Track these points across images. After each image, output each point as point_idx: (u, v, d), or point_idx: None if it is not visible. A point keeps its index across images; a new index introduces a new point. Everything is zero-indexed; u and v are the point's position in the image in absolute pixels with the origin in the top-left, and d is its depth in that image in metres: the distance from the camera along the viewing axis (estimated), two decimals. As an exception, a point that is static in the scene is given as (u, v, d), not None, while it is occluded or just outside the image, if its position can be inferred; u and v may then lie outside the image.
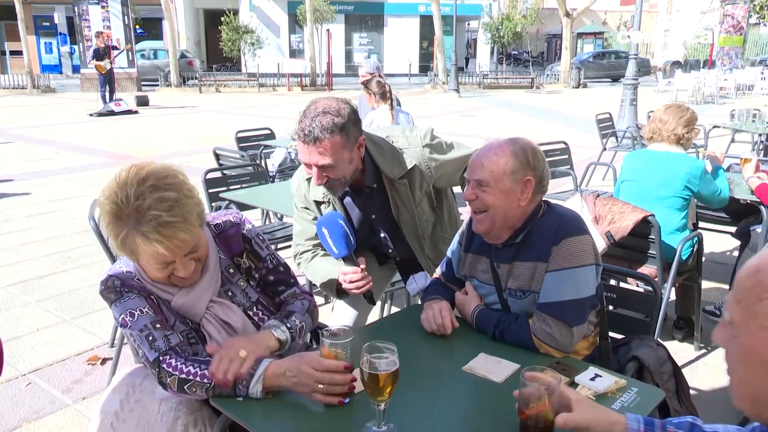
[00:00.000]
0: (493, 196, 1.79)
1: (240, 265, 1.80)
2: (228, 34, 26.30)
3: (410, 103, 18.36)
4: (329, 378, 1.42)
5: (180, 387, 1.53)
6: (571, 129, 12.52)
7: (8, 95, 20.61)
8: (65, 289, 4.28)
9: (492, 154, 1.81)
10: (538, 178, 1.81)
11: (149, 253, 1.48)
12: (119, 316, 1.61)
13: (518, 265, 1.84)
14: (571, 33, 26.39)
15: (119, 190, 1.49)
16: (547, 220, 1.84)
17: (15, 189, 7.34)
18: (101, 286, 1.65)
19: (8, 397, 2.97)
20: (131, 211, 1.45)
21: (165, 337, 1.58)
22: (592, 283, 1.79)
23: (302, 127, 1.95)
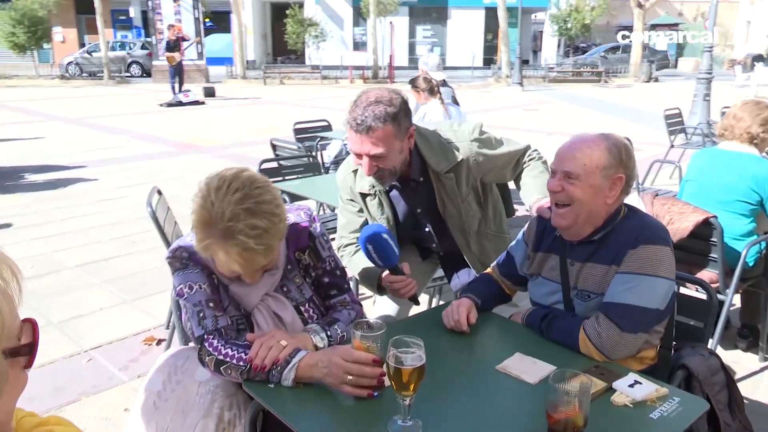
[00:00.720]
0: (581, 190, 1.73)
1: (300, 261, 1.83)
2: (292, 27, 26.71)
3: (472, 96, 18.16)
4: (358, 369, 1.43)
5: (216, 367, 1.58)
6: (639, 125, 12.07)
7: (86, 86, 21.67)
8: (128, 272, 4.47)
9: (586, 147, 1.74)
10: (628, 177, 1.75)
11: (227, 266, 1.56)
12: (178, 286, 1.67)
13: (591, 266, 1.78)
14: (643, 25, 25.37)
15: (216, 202, 1.50)
16: (629, 223, 1.77)
17: (87, 175, 7.72)
18: (169, 254, 1.72)
19: (70, 371, 3.13)
20: (222, 228, 1.49)
21: (214, 317, 1.64)
22: (662, 298, 1.69)
23: (354, 116, 1.95)
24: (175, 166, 8.31)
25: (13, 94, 18.17)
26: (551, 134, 10.64)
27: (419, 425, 1.34)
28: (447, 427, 1.37)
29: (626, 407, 1.43)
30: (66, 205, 6.32)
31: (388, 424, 1.35)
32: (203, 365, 1.61)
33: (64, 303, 3.94)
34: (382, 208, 2.28)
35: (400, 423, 1.34)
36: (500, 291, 2.05)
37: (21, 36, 22.39)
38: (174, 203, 5.93)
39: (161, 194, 3.33)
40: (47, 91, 19.33)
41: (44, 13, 23.74)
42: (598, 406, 1.43)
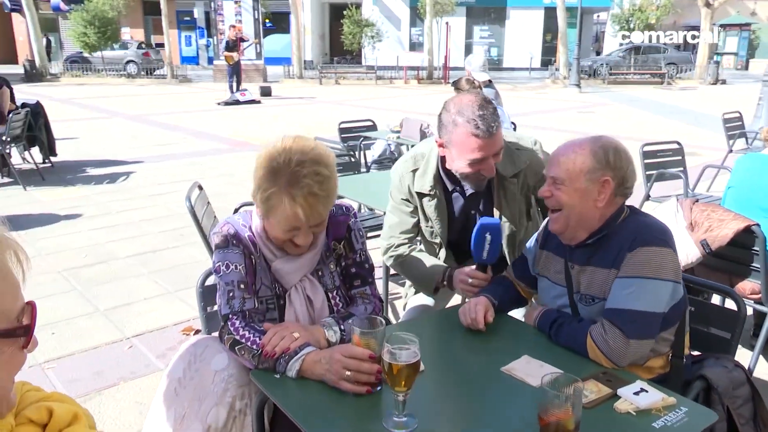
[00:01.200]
0: (567, 195, 1.73)
1: (335, 250, 1.90)
2: (349, 28, 26.96)
3: (527, 98, 17.89)
4: (356, 365, 1.45)
5: (232, 347, 1.66)
6: (698, 128, 11.63)
7: (151, 84, 22.52)
8: (174, 263, 4.64)
9: (570, 152, 1.75)
10: (619, 180, 1.72)
11: (287, 214, 1.62)
12: (216, 262, 1.75)
13: (592, 270, 1.76)
14: (711, 24, 24.37)
15: (283, 152, 1.65)
16: (628, 226, 1.74)
17: (143, 170, 8.04)
18: (216, 228, 1.81)
19: (112, 356, 3.29)
20: (288, 173, 1.61)
21: (243, 298, 1.71)
22: (665, 300, 1.66)
23: (480, 123, 2.00)
24: (226, 162, 8.55)
25: (82, 92, 19.07)
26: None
27: (414, 421, 1.35)
28: (442, 423, 1.38)
29: (629, 415, 1.40)
30: (121, 198, 6.61)
31: (384, 418, 1.37)
32: (221, 341, 1.70)
33: (112, 291, 4.13)
34: (440, 209, 2.30)
35: (395, 418, 1.36)
36: (517, 294, 2.04)
37: (92, 36, 23.47)
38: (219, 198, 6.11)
39: (201, 189, 3.44)
40: (113, 89, 20.19)
41: (114, 14, 24.82)
42: (600, 412, 1.41)
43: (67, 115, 13.12)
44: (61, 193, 6.76)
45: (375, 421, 1.38)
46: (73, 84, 22.04)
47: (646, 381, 1.55)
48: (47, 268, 4.51)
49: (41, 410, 0.92)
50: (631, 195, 1.79)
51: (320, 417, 1.43)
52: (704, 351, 1.97)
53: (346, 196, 3.97)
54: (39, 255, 4.78)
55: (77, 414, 0.95)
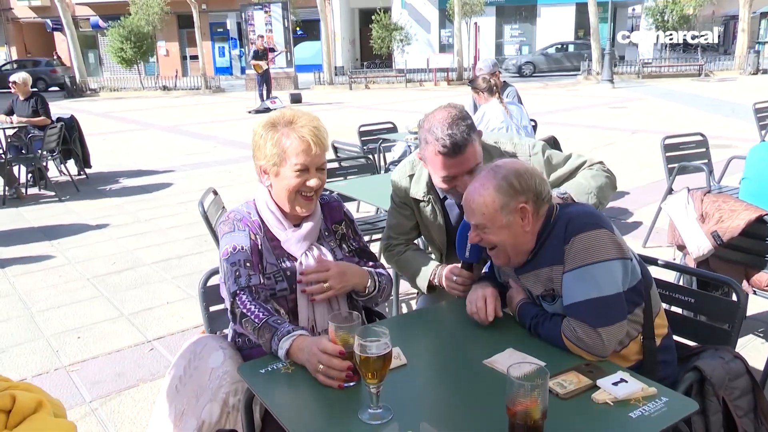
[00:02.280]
0: (495, 235, 1.74)
1: (336, 231, 2.05)
2: (378, 32, 27.07)
3: (557, 95, 17.66)
4: (326, 360, 1.48)
5: (240, 320, 1.75)
6: (736, 120, 11.29)
7: (186, 95, 23.04)
8: (196, 269, 4.75)
9: (477, 196, 1.74)
10: (533, 199, 1.71)
11: (298, 148, 1.81)
12: (224, 247, 1.86)
13: (536, 273, 1.78)
14: (749, 13, 23.62)
15: (276, 114, 1.91)
16: (558, 222, 1.74)
17: (173, 179, 8.26)
18: (222, 218, 1.96)
19: (133, 359, 3.39)
20: (286, 121, 1.86)
21: (248, 275, 1.81)
22: (617, 280, 1.64)
23: (445, 141, 1.97)
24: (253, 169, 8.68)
25: (119, 105, 19.65)
26: (635, 132, 10.19)
27: (389, 412, 1.37)
28: (419, 415, 1.40)
29: (607, 405, 1.39)
30: (151, 206, 6.80)
31: (359, 411, 1.39)
32: (231, 317, 1.79)
33: (137, 296, 4.26)
34: (435, 215, 2.32)
35: (369, 410, 1.38)
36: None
37: (128, 51, 24.15)
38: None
39: (216, 194, 3.53)
40: (149, 102, 20.74)
41: (150, 29, 25.49)
42: (577, 402, 1.41)
43: (104, 128, 13.54)
44: (94, 204, 6.99)
45: (352, 414, 1.41)
46: (111, 98, 22.72)
47: (626, 370, 1.53)
48: (77, 276, 4.68)
49: (4, 398, 0.97)
50: (550, 199, 1.77)
51: (299, 410, 1.47)
52: (703, 342, 1.94)
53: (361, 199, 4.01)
54: (69, 263, 4.96)
55: (42, 402, 1.00)
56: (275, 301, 1.88)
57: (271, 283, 1.87)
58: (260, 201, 1.96)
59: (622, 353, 1.70)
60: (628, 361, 1.70)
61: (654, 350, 1.73)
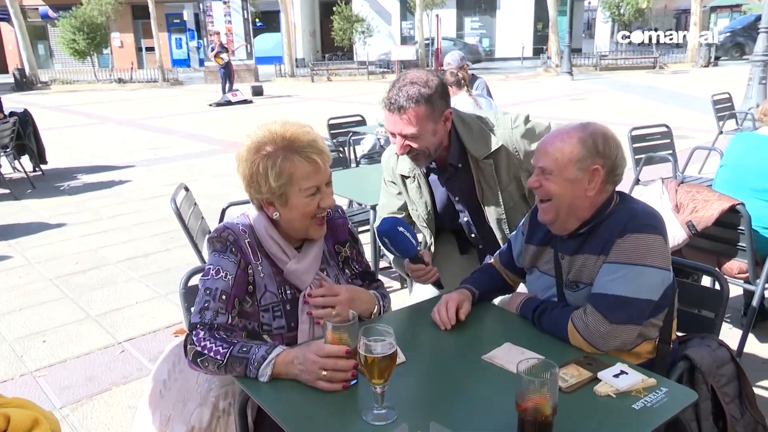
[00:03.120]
0: (557, 185, 1.69)
1: (340, 253, 1.90)
2: (339, 24, 26.89)
3: (518, 87, 17.87)
4: (332, 363, 1.43)
5: (194, 359, 1.59)
6: (691, 111, 11.62)
7: (142, 88, 22.45)
8: (165, 267, 4.63)
9: (558, 141, 1.70)
10: (609, 167, 1.68)
11: (306, 170, 1.63)
12: (208, 266, 1.69)
13: (581, 257, 1.74)
14: (701, 7, 24.32)
15: (261, 134, 1.68)
16: (618, 212, 1.71)
17: (134, 174, 8.03)
18: (214, 233, 1.74)
19: (104, 362, 3.28)
20: (286, 142, 1.64)
21: (216, 312, 1.62)
22: (656, 288, 1.63)
23: (389, 95, 2.01)
24: (219, 164, 8.53)
25: (73, 99, 19.02)
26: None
27: (393, 412, 1.35)
28: (423, 413, 1.37)
29: (609, 397, 1.39)
30: (113, 203, 6.60)
31: (363, 412, 1.36)
32: (185, 353, 1.63)
33: (104, 297, 4.12)
34: (420, 192, 2.30)
35: (374, 411, 1.35)
36: (502, 282, 2.02)
37: (81, 42, 23.37)
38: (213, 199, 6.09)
39: (188, 190, 3.43)
40: (105, 95, 20.14)
41: (103, 19, 24.71)
42: (581, 395, 1.41)
43: (59, 123, 13.08)
44: (52, 201, 6.75)
45: (355, 415, 1.37)
46: (64, 91, 21.97)
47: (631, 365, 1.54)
48: (38, 277, 4.50)
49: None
50: (621, 181, 1.76)
51: (301, 414, 1.43)
52: (689, 331, 1.97)
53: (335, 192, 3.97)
54: (29, 264, 4.77)
55: (37, 419, 0.94)
56: (269, 337, 1.71)
57: (268, 319, 1.71)
58: (258, 227, 1.75)
59: (634, 351, 1.69)
60: (639, 358, 1.70)
61: (667, 353, 1.75)
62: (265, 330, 1.73)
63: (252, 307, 1.72)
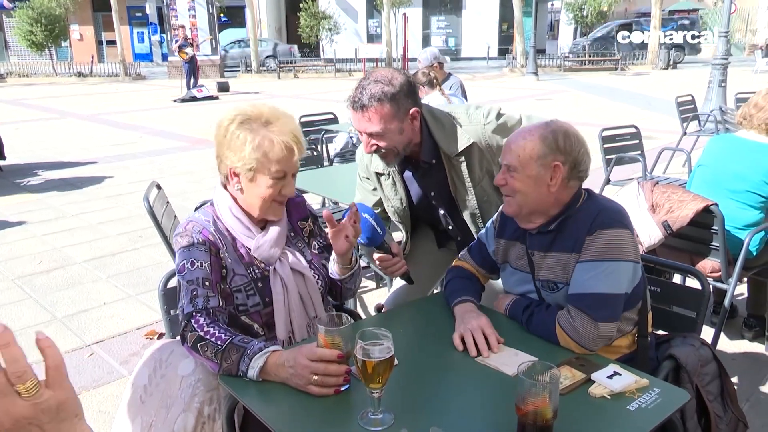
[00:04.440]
0: (520, 182, 1.72)
1: (304, 228, 1.94)
2: (306, 21, 26.70)
3: (485, 87, 18.03)
4: (324, 368, 1.41)
5: (194, 344, 1.57)
6: (653, 113, 11.90)
7: (103, 83, 21.89)
8: (133, 266, 4.51)
9: (520, 139, 1.74)
10: (571, 164, 1.71)
11: (280, 155, 1.67)
12: (180, 263, 1.70)
13: (552, 255, 1.76)
14: (660, 11, 24.93)
15: (249, 109, 1.73)
16: (585, 209, 1.74)
17: (98, 171, 7.80)
18: (179, 230, 1.76)
19: (72, 366, 3.16)
20: (264, 121, 1.70)
21: (206, 296, 1.65)
22: (627, 281, 1.67)
23: (354, 94, 2.01)
24: (186, 161, 8.37)
25: (30, 92, 18.41)
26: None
27: (390, 417, 1.33)
28: (419, 418, 1.35)
29: (604, 399, 1.40)
30: (77, 200, 6.40)
31: (359, 416, 1.34)
32: (183, 341, 1.62)
33: (70, 298, 3.99)
34: (395, 189, 2.29)
35: (371, 416, 1.32)
36: (480, 282, 2.02)
37: (39, 34, 22.66)
38: (180, 197, 5.98)
39: (160, 189, 3.33)
40: (64, 89, 19.55)
41: (61, 11, 24.00)
42: (576, 398, 1.41)
43: (16, 116, 12.64)
44: (11, 198, 6.50)
45: (350, 420, 1.35)
46: (21, 84, 21.26)
47: (615, 361, 1.56)
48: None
49: None
50: (586, 178, 1.78)
51: (294, 419, 1.40)
52: (670, 330, 2.00)
53: (309, 191, 3.92)
54: (-10, 263, 4.59)
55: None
56: (247, 317, 1.75)
57: (242, 299, 1.73)
58: (222, 207, 1.79)
59: (613, 345, 1.72)
60: (617, 353, 1.72)
61: (647, 347, 1.77)
62: (241, 311, 1.75)
63: (225, 291, 1.74)
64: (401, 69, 2.13)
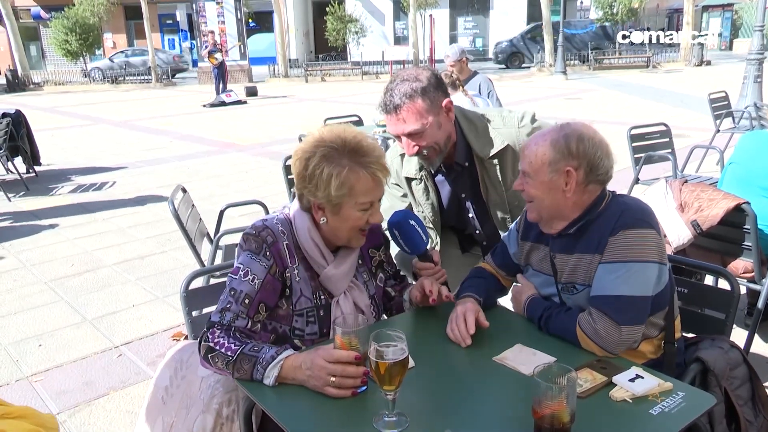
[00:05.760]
0: (534, 188, 1.70)
1: (373, 258, 1.88)
2: (333, 24, 26.83)
3: (513, 86, 17.87)
4: (341, 369, 1.39)
5: (206, 355, 1.56)
6: (686, 110, 11.64)
7: (135, 89, 22.32)
8: (161, 269, 4.58)
9: (533, 144, 1.71)
10: (586, 168, 1.65)
11: (369, 185, 1.61)
12: (239, 264, 1.65)
13: (574, 257, 1.72)
14: (693, 6, 24.39)
15: (330, 138, 1.62)
16: (608, 210, 1.69)
17: (129, 175, 7.96)
18: (252, 230, 1.68)
19: (101, 366, 3.23)
20: (350, 150, 1.60)
21: (237, 314, 1.60)
22: (652, 283, 1.61)
23: (384, 100, 1.99)
24: (214, 164, 8.47)
25: (65, 100, 18.89)
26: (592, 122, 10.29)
27: (405, 419, 1.31)
28: (435, 420, 1.34)
29: (625, 402, 1.36)
30: (107, 205, 6.53)
31: (374, 419, 1.33)
32: (198, 348, 1.60)
33: (100, 300, 4.07)
34: (427, 194, 2.27)
35: (385, 418, 1.31)
36: (498, 284, 1.98)
37: (73, 43, 23.24)
38: (208, 201, 6.05)
39: (185, 192, 3.38)
40: (98, 96, 20.00)
41: (95, 20, 24.58)
42: (596, 401, 1.38)
43: (52, 124, 12.97)
44: (46, 203, 6.67)
45: (365, 423, 1.34)
46: (57, 92, 21.82)
47: (638, 364, 1.51)
48: (33, 280, 4.44)
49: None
50: (609, 180, 1.72)
51: (309, 421, 1.39)
52: (699, 333, 1.94)
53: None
54: (24, 266, 4.71)
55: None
56: (300, 341, 1.69)
57: (301, 324, 1.69)
58: (301, 228, 1.70)
59: (639, 349, 1.67)
60: (643, 358, 1.67)
61: (673, 355, 1.72)
62: (296, 335, 1.70)
63: (286, 310, 1.70)
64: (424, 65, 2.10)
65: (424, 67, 2.07)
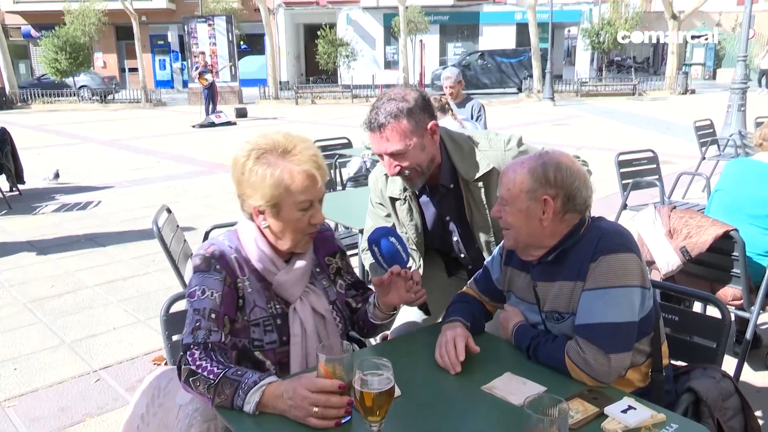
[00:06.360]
0: (512, 216, 1.68)
1: (330, 265, 1.86)
2: (324, 48, 27.05)
3: (502, 112, 18.02)
4: (324, 399, 1.34)
5: (187, 379, 1.51)
6: (671, 137, 11.77)
7: (125, 109, 22.26)
8: (144, 291, 4.49)
9: (511, 171, 1.69)
10: (563, 198, 1.64)
11: (303, 184, 1.59)
12: (193, 287, 1.63)
13: (556, 284, 1.69)
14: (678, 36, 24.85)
15: (263, 141, 1.64)
16: (586, 236, 1.67)
17: (115, 195, 7.88)
18: (199, 250, 1.68)
19: (77, 391, 3.13)
20: (282, 150, 1.61)
21: (209, 330, 1.57)
22: (635, 308, 1.58)
23: (369, 117, 1.99)
24: (202, 185, 8.41)
25: (53, 118, 18.76)
26: (580, 148, 10.45)
27: (390, 452, 1.26)
28: (421, 454, 1.29)
29: (617, 435, 1.32)
30: (92, 224, 6.44)
31: (356, 451, 1.27)
32: (179, 375, 1.55)
33: (80, 322, 3.97)
34: (411, 214, 2.24)
35: (369, 450, 1.26)
36: (483, 308, 1.94)
37: (63, 62, 23.16)
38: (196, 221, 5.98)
39: (170, 212, 3.32)
40: (86, 115, 19.91)
41: (86, 39, 24.56)
42: (587, 433, 1.33)
43: (38, 142, 12.85)
44: (29, 222, 6.57)
45: (348, 454, 1.28)
46: (45, 110, 21.70)
47: (630, 395, 1.48)
48: (11, 301, 4.34)
49: None
50: (587, 210, 1.71)
51: (289, 451, 1.33)
52: (689, 361, 1.91)
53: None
54: (2, 287, 4.61)
55: None
56: (261, 353, 1.67)
57: (259, 334, 1.66)
58: (247, 238, 1.70)
59: (627, 377, 1.64)
60: (630, 386, 1.63)
61: (662, 381, 1.68)
62: (256, 346, 1.67)
63: (242, 323, 1.66)
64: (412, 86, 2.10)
65: (412, 88, 2.06)
